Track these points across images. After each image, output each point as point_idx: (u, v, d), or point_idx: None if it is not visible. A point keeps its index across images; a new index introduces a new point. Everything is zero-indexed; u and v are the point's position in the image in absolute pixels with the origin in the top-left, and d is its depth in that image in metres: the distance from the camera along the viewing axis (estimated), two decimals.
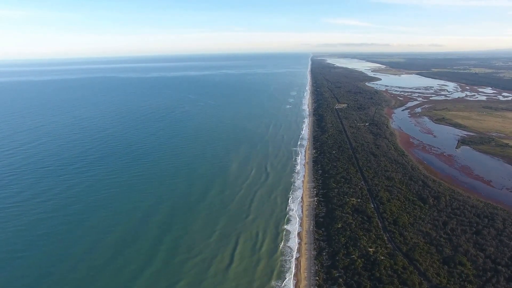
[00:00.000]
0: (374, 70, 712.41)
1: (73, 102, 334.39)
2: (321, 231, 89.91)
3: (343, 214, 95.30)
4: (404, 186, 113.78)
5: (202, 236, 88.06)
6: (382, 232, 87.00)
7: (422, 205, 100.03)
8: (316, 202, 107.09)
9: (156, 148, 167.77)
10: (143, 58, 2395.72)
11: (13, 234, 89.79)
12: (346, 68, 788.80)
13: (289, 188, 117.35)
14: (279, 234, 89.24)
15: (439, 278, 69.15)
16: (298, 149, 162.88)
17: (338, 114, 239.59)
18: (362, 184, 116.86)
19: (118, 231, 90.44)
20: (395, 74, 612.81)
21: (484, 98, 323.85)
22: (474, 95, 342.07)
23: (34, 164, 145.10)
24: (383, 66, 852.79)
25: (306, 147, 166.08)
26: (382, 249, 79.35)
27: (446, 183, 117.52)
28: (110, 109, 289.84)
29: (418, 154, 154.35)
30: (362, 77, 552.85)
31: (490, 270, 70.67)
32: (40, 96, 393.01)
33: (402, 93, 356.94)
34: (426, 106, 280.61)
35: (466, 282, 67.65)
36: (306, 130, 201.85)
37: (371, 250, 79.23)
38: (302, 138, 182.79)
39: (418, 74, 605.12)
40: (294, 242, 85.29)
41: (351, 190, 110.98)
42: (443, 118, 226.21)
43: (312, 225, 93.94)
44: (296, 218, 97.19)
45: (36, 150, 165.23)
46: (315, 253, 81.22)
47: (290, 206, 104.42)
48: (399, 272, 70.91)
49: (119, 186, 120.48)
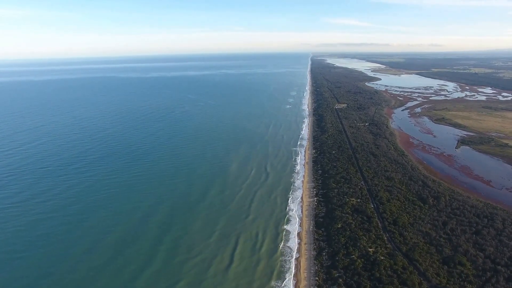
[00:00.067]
0: (374, 70, 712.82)
1: (73, 102, 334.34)
2: (321, 231, 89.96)
3: (343, 214, 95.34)
4: (404, 186, 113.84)
5: (202, 236, 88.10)
6: (382, 232, 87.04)
7: (422, 205, 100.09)
8: (316, 202, 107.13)
9: (156, 148, 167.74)
10: (143, 58, 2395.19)
11: (12, 235, 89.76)
12: (346, 68, 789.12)
13: (289, 188, 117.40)
14: (279, 234, 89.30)
15: (439, 278, 69.22)
16: (298, 149, 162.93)
17: (338, 114, 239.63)
18: (362, 184, 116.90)
19: (118, 231, 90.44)
20: (395, 74, 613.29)
21: (483, 98, 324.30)
22: (474, 95, 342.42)
23: (33, 164, 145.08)
24: (383, 66, 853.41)
25: (306, 147, 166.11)
26: (382, 249, 79.42)
27: (445, 183, 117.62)
28: (110, 109, 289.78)
29: (418, 154, 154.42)
30: (362, 77, 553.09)
31: (489, 270, 70.74)
32: (40, 96, 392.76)
33: (402, 93, 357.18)
34: (426, 106, 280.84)
35: (465, 282, 67.73)
36: (306, 130, 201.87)
37: (371, 250, 79.27)
38: (302, 138, 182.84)
39: (418, 74, 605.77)
40: (294, 242, 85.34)
41: (351, 190, 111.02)
42: (443, 118, 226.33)
43: (312, 225, 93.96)
44: (296, 218, 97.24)
45: (35, 150, 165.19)
46: (315, 253, 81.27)
47: (290, 206, 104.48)
48: (399, 272, 70.99)
49: (119, 186, 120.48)
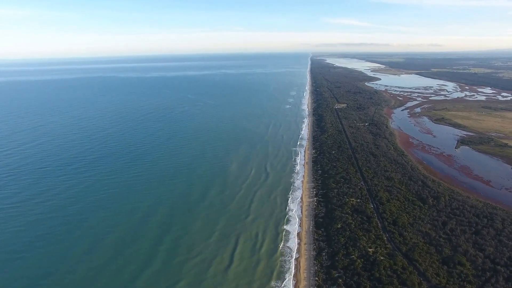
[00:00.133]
0: (374, 70, 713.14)
1: (72, 102, 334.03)
2: (320, 232, 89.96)
3: (343, 214, 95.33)
4: (403, 186, 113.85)
5: (202, 236, 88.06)
6: (381, 232, 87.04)
7: (422, 205, 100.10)
8: (315, 202, 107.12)
9: (155, 148, 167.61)
10: (143, 58, 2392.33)
11: (12, 235, 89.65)
12: (346, 68, 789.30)
13: (288, 188, 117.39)
14: (279, 234, 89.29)
15: (439, 278, 69.24)
16: (297, 149, 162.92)
17: (338, 114, 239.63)
18: (361, 184, 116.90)
19: (118, 232, 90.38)
20: (395, 74, 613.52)
21: (483, 98, 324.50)
22: (474, 95, 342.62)
23: (32, 164, 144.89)
24: (383, 66, 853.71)
25: (305, 147, 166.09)
26: (382, 249, 79.42)
27: (445, 183, 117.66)
28: (110, 109, 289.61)
29: (418, 154, 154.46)
30: (361, 77, 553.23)
31: (489, 270, 70.79)
32: (39, 96, 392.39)
33: (402, 93, 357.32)
34: (426, 106, 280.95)
35: (465, 282, 67.77)
36: (305, 130, 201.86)
37: (371, 250, 79.27)
38: (302, 138, 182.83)
39: (417, 74, 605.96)
40: (293, 243, 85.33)
41: (351, 190, 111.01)
42: (443, 118, 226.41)
43: (311, 225, 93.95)
44: (295, 218, 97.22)
45: (34, 150, 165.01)
46: (315, 253, 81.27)
47: (289, 206, 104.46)
48: (399, 272, 71.00)
49: (119, 186, 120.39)
